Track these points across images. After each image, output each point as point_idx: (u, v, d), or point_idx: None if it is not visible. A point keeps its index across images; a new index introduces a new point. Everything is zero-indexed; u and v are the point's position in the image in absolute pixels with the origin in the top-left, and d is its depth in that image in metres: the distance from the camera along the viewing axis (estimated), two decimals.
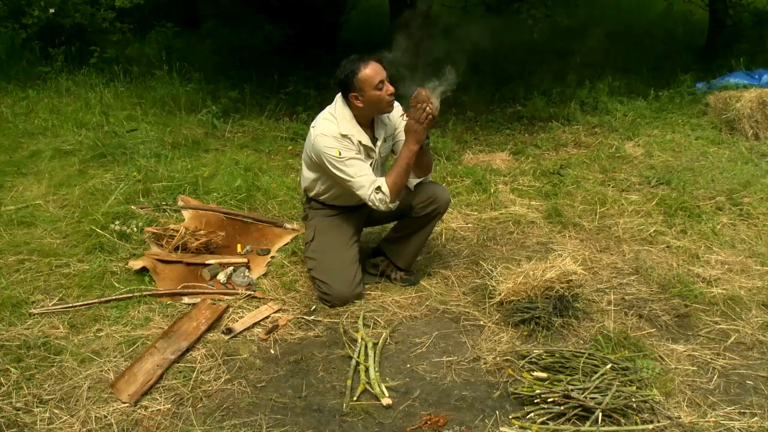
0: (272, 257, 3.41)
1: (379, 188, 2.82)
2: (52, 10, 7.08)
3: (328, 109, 2.96)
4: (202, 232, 3.38)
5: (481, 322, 2.87)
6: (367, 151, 2.96)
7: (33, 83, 6.49)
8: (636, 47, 8.25)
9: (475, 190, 4.32)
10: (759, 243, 3.60)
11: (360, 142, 2.91)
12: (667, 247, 3.58)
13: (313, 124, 2.97)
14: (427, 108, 2.73)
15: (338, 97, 2.94)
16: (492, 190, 4.27)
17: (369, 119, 2.96)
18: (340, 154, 2.84)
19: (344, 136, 2.86)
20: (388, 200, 2.83)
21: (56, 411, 2.25)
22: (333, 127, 2.87)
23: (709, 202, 4.09)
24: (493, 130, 5.80)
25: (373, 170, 3.01)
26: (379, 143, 3.00)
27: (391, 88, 2.84)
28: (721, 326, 2.83)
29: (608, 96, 6.33)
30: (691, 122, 5.71)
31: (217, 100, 6.01)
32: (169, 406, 2.30)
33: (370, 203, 2.86)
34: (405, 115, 2.85)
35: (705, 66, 7.34)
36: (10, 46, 7.67)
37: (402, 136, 3.01)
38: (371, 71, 2.79)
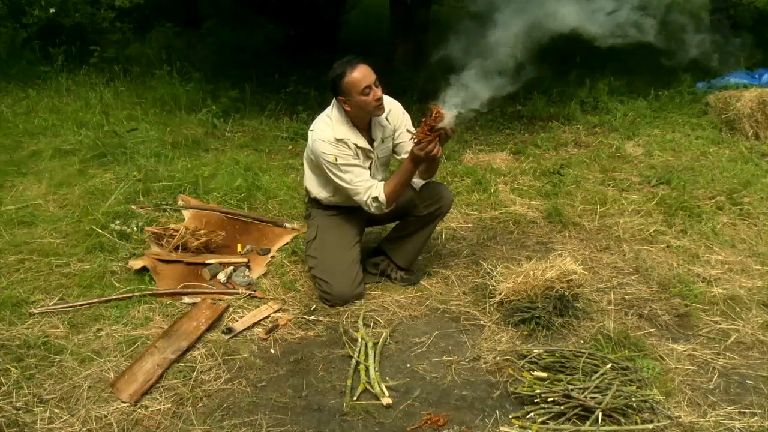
0: (272, 257, 3.41)
1: (376, 198, 2.83)
2: (52, 10, 7.11)
3: (326, 112, 2.96)
4: (202, 231, 3.37)
5: (481, 322, 2.87)
6: (365, 153, 2.95)
7: (33, 83, 6.50)
8: (636, 47, 8.24)
9: (475, 190, 4.32)
10: (759, 243, 3.60)
11: (356, 145, 2.90)
12: (667, 246, 3.57)
13: (311, 127, 2.97)
14: (434, 145, 2.67)
15: (335, 98, 2.93)
16: (492, 190, 4.28)
17: (364, 121, 2.94)
18: (336, 160, 2.84)
19: (339, 140, 2.85)
20: (384, 207, 2.86)
21: (56, 410, 2.25)
22: (329, 132, 2.87)
23: (709, 201, 4.09)
24: (494, 129, 5.80)
25: (373, 171, 3.01)
26: (376, 144, 2.99)
27: (379, 93, 2.79)
28: (721, 326, 2.83)
29: (608, 96, 6.33)
30: (691, 122, 5.71)
31: (217, 100, 6.02)
32: (170, 405, 2.30)
33: (366, 208, 2.89)
34: (413, 138, 2.76)
35: (705, 66, 7.34)
36: (10, 46, 7.69)
37: (403, 137, 3.01)
38: (358, 75, 2.74)
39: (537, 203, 4.18)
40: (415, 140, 2.73)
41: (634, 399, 2.21)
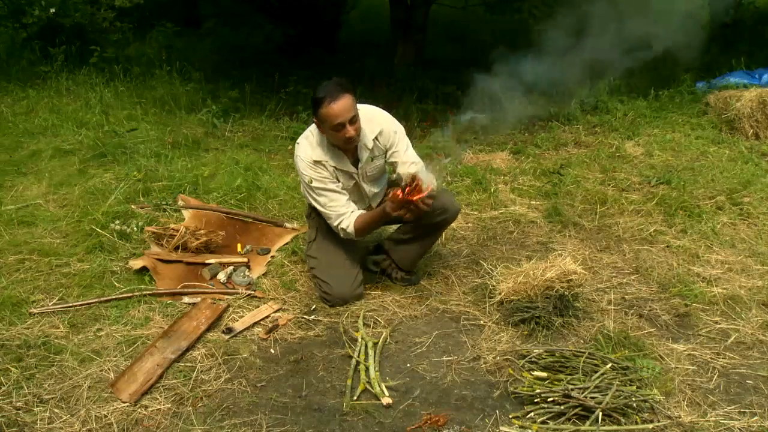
0: (272, 257, 3.41)
1: (344, 229, 2.86)
2: (52, 10, 7.10)
3: (310, 128, 2.91)
4: (202, 231, 3.38)
5: (481, 322, 2.87)
6: (347, 175, 2.92)
7: (33, 83, 6.50)
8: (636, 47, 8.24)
9: (475, 190, 4.32)
10: (759, 243, 3.60)
11: (336, 167, 2.86)
12: (667, 246, 3.57)
13: (298, 140, 2.93)
14: (404, 212, 2.70)
15: None
16: (492, 190, 4.27)
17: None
18: (311, 182, 2.84)
19: (317, 162, 2.83)
20: (352, 237, 2.90)
21: (56, 410, 2.25)
22: (308, 152, 2.84)
23: (709, 201, 4.09)
24: (493, 129, 5.79)
25: (362, 187, 2.98)
26: (362, 165, 2.92)
27: (351, 132, 2.68)
28: (721, 326, 2.83)
29: (608, 95, 6.32)
30: (691, 122, 5.71)
31: (217, 100, 6.02)
32: (170, 405, 2.30)
33: (336, 231, 2.92)
34: (389, 198, 2.75)
35: (705, 65, 7.33)
36: (10, 46, 7.69)
37: (396, 157, 2.93)
38: (335, 111, 2.63)
39: (537, 203, 4.18)
40: (390, 199, 2.74)
41: (634, 399, 2.21)
